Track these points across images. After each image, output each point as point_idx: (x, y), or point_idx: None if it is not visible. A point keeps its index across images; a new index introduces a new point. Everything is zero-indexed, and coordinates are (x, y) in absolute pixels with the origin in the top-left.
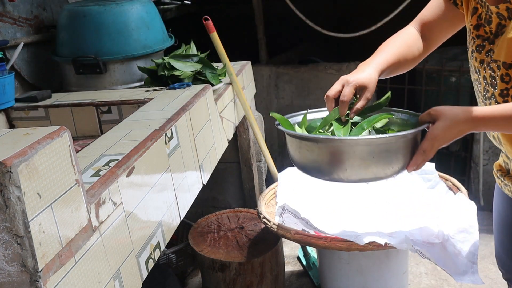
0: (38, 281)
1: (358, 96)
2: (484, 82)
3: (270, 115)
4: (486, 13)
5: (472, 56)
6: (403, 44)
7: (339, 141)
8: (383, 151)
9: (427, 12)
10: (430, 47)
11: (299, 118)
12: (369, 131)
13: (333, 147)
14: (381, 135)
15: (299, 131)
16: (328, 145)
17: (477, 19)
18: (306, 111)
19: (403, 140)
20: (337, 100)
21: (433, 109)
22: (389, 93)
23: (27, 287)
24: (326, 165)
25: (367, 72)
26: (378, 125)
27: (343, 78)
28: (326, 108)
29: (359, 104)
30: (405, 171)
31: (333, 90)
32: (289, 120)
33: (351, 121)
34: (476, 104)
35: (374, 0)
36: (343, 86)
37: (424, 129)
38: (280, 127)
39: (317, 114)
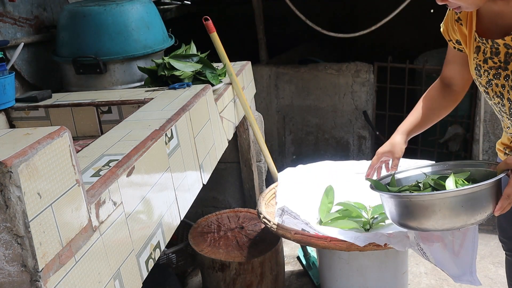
0: (39, 281)
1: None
2: (509, 103)
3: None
4: (491, 47)
5: (491, 83)
6: (426, 104)
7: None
8: (470, 200)
9: (444, 65)
10: (460, 90)
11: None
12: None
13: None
14: (466, 187)
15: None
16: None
17: (483, 55)
18: (392, 174)
19: (486, 189)
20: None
21: (509, 158)
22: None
23: (28, 287)
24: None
25: (394, 139)
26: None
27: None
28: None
29: (393, 168)
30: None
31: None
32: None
33: None
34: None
35: (374, 0)
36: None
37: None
38: (381, 193)
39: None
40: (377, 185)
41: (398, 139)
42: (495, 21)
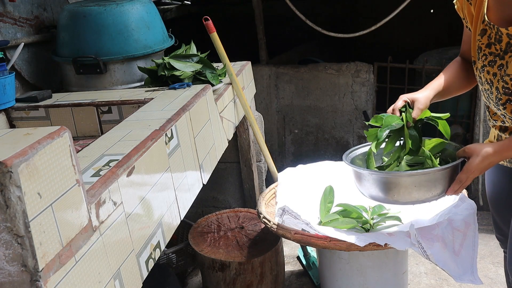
0: (39, 281)
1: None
2: (497, 92)
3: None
4: (496, 33)
5: (484, 69)
6: (454, 72)
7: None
8: (424, 181)
9: (462, 43)
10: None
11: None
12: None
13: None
14: (420, 170)
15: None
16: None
17: (487, 38)
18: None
19: (440, 173)
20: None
21: (468, 147)
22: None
23: (28, 287)
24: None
25: (422, 91)
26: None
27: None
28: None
29: (414, 113)
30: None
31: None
32: (354, 152)
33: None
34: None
35: (374, 0)
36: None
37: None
38: (350, 165)
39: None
40: (352, 161)
41: (426, 93)
42: (502, 8)
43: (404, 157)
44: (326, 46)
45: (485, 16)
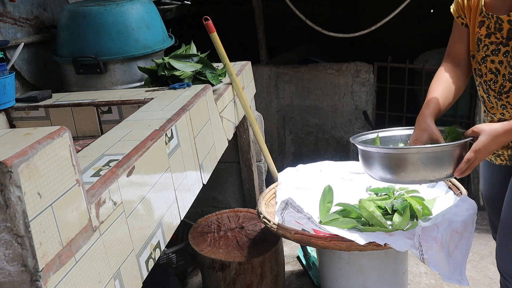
0: (39, 281)
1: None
2: (503, 79)
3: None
4: (495, 22)
5: (486, 60)
6: (444, 86)
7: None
8: (431, 158)
9: (451, 45)
10: (468, 70)
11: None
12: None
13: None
14: (428, 145)
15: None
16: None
17: (486, 29)
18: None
19: (448, 151)
20: None
21: (476, 127)
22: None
23: (28, 286)
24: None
25: (427, 126)
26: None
27: (414, 140)
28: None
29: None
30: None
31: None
32: (361, 138)
33: None
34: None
35: (374, 0)
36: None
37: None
38: (358, 144)
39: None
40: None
41: (431, 125)
42: None
43: None
44: (326, 46)
45: (483, 8)
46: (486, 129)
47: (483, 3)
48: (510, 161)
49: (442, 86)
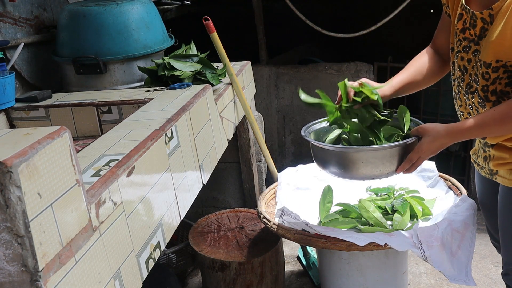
0: (39, 281)
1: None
2: (469, 79)
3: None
4: (471, 18)
5: (458, 56)
6: (417, 67)
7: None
8: (370, 158)
9: (436, 32)
10: (447, 59)
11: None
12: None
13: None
14: (366, 146)
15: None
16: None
17: (462, 23)
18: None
19: (387, 150)
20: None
21: (421, 127)
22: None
23: (28, 287)
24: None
25: (383, 85)
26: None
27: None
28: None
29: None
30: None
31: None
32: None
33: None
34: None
35: (374, 0)
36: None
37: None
38: (307, 138)
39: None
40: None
41: (385, 87)
42: None
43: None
44: (326, 46)
45: (463, 1)
46: (430, 130)
47: None
48: (491, 176)
49: (414, 67)
